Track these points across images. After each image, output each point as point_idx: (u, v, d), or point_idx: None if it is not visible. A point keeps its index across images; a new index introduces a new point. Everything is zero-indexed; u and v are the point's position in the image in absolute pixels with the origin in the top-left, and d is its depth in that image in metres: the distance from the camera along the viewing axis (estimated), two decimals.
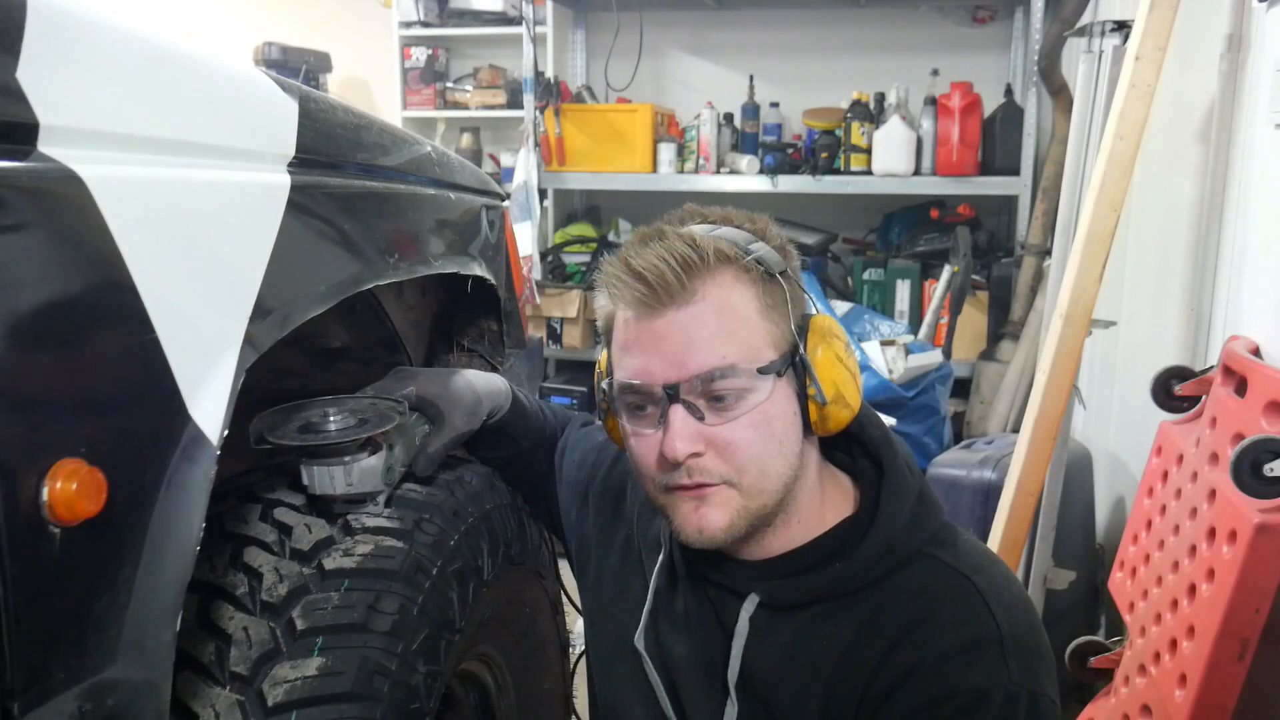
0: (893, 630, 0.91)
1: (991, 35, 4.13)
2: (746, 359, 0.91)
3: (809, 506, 0.99)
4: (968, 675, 0.87)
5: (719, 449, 0.92)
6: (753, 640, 0.97)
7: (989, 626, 0.89)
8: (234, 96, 0.94)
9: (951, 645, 0.89)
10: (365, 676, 0.93)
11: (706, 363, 0.90)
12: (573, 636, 1.54)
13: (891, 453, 1.01)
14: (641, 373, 0.93)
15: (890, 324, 3.66)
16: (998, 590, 0.93)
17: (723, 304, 0.91)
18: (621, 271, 0.92)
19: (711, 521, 0.93)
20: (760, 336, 0.92)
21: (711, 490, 0.93)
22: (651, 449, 0.94)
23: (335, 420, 1.09)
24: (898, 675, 0.89)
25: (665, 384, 0.91)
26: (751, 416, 0.91)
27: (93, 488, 0.70)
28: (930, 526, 0.98)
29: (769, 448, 0.93)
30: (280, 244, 0.93)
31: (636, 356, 0.93)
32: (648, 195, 4.14)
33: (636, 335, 0.93)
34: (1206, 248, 1.90)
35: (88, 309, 0.72)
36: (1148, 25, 1.87)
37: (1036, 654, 0.90)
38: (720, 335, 0.91)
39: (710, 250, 0.91)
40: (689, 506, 0.94)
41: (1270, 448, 1.25)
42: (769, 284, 0.94)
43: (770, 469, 0.93)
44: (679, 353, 0.91)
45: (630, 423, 0.96)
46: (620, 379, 0.95)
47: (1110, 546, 2.40)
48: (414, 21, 4.35)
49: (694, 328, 0.91)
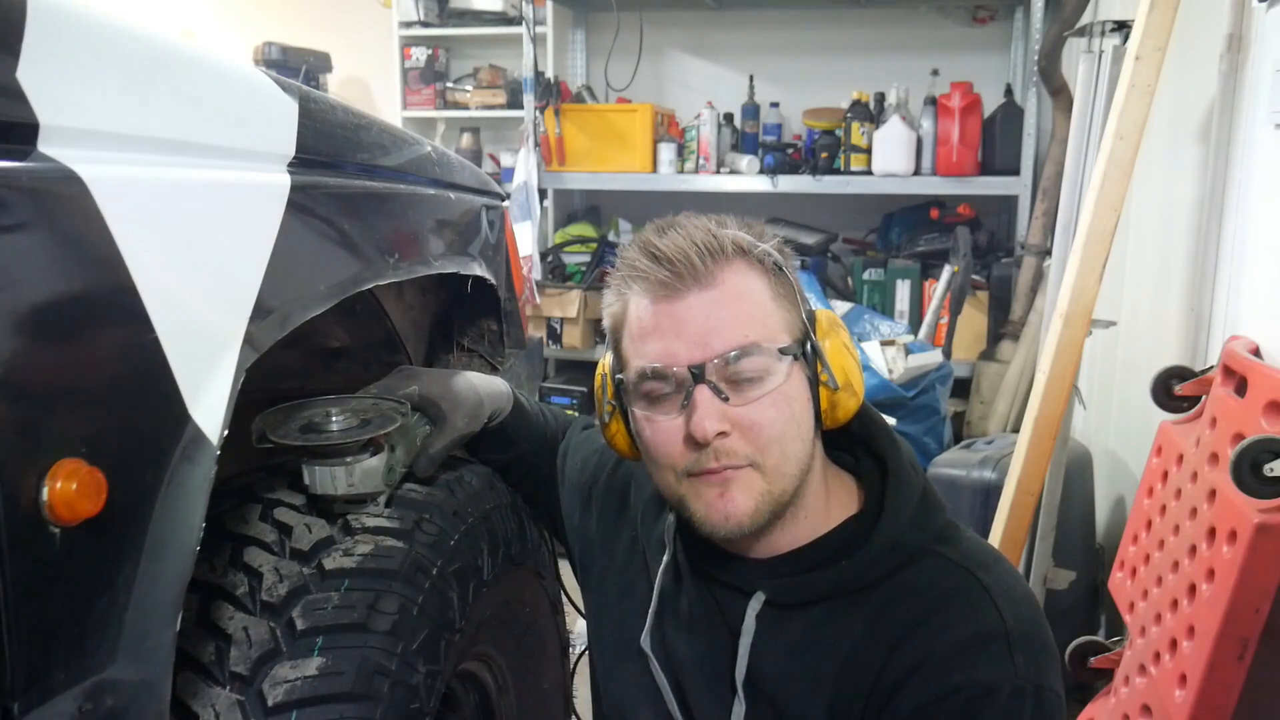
0: (899, 627, 0.92)
1: (991, 35, 4.13)
2: (767, 339, 0.93)
3: (815, 503, 0.99)
4: (974, 670, 0.88)
5: (743, 430, 0.93)
6: (759, 639, 0.98)
7: (995, 621, 0.90)
8: (234, 96, 0.94)
9: (958, 640, 0.89)
10: (365, 676, 0.93)
11: (731, 341, 0.91)
12: (573, 636, 1.54)
13: (895, 451, 1.01)
14: (665, 355, 0.93)
15: (890, 324, 3.66)
16: (1003, 586, 0.93)
17: (742, 289, 0.94)
18: (642, 258, 0.94)
19: (739, 506, 0.93)
20: (777, 320, 0.95)
21: (737, 474, 0.93)
22: (673, 436, 0.94)
23: (337, 420, 1.09)
24: (904, 670, 0.90)
25: (691, 364, 0.92)
26: (773, 397, 0.93)
27: (93, 488, 0.70)
28: (935, 524, 0.98)
29: (790, 429, 0.94)
30: (280, 244, 0.93)
31: (658, 341, 0.94)
32: (648, 195, 4.14)
33: (656, 321, 0.94)
34: (1206, 248, 1.90)
35: (88, 309, 0.72)
36: (1148, 25, 1.87)
37: (1042, 648, 0.91)
38: (741, 317, 0.93)
39: (728, 239, 0.94)
40: (713, 493, 0.94)
41: (1270, 448, 1.25)
42: (779, 276, 0.97)
43: (790, 451, 0.94)
44: (702, 334, 0.92)
45: (649, 411, 0.96)
46: (641, 365, 0.95)
47: (1110, 546, 2.40)
48: (414, 21, 4.35)
49: (716, 309, 0.92)
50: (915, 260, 3.92)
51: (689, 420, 0.92)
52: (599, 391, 1.05)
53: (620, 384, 0.99)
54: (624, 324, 0.98)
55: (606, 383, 1.03)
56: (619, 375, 0.99)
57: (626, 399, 0.99)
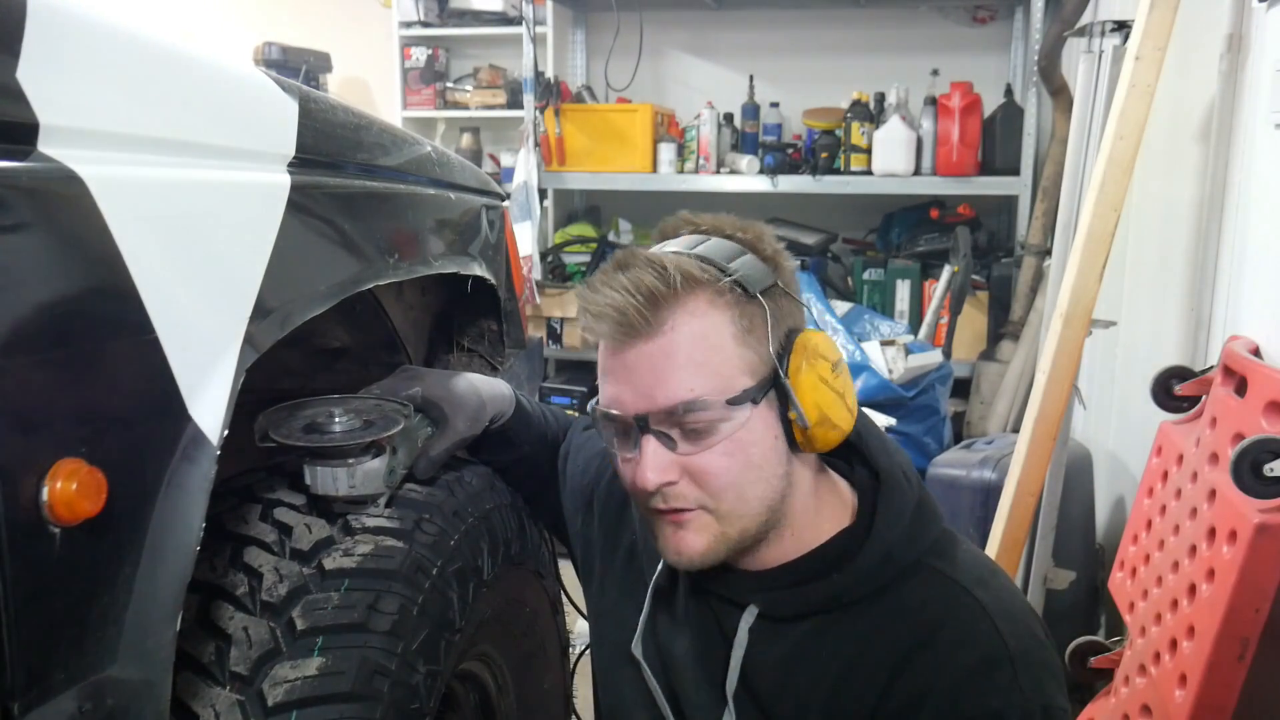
0: (898, 649, 0.91)
1: (991, 35, 4.13)
2: (716, 390, 0.89)
3: (803, 519, 0.98)
4: (983, 699, 0.87)
5: (694, 476, 0.92)
6: (752, 651, 0.97)
7: (997, 645, 0.89)
8: (234, 96, 0.94)
9: (963, 669, 0.88)
10: (365, 676, 0.93)
11: (674, 396, 0.89)
12: (573, 636, 1.54)
13: (889, 463, 1.00)
14: (615, 402, 0.93)
15: (890, 324, 3.66)
16: (1001, 603, 0.92)
17: (693, 333, 0.89)
18: (588, 306, 0.91)
19: (689, 545, 0.94)
20: (733, 365, 0.90)
21: (688, 516, 0.93)
22: (629, 473, 0.95)
23: (340, 421, 1.09)
24: (911, 700, 0.89)
25: (636, 415, 0.92)
26: (726, 445, 0.91)
27: (93, 488, 0.70)
28: (929, 536, 0.97)
29: (746, 474, 0.92)
30: (280, 244, 0.93)
31: (610, 386, 0.94)
32: (648, 195, 4.14)
33: (609, 365, 0.94)
34: (1206, 248, 1.90)
35: (88, 309, 0.72)
36: (1148, 25, 1.87)
37: (1045, 667, 0.90)
38: (689, 367, 0.89)
39: (679, 277, 0.89)
40: (669, 530, 0.95)
41: (1270, 448, 1.25)
42: (747, 305, 0.91)
43: (749, 494, 0.93)
44: (648, 385, 0.90)
45: (611, 446, 0.97)
46: (598, 406, 0.96)
47: (1110, 546, 2.40)
48: (414, 21, 4.35)
49: (661, 360, 0.89)
50: (915, 260, 3.92)
51: (634, 468, 0.93)
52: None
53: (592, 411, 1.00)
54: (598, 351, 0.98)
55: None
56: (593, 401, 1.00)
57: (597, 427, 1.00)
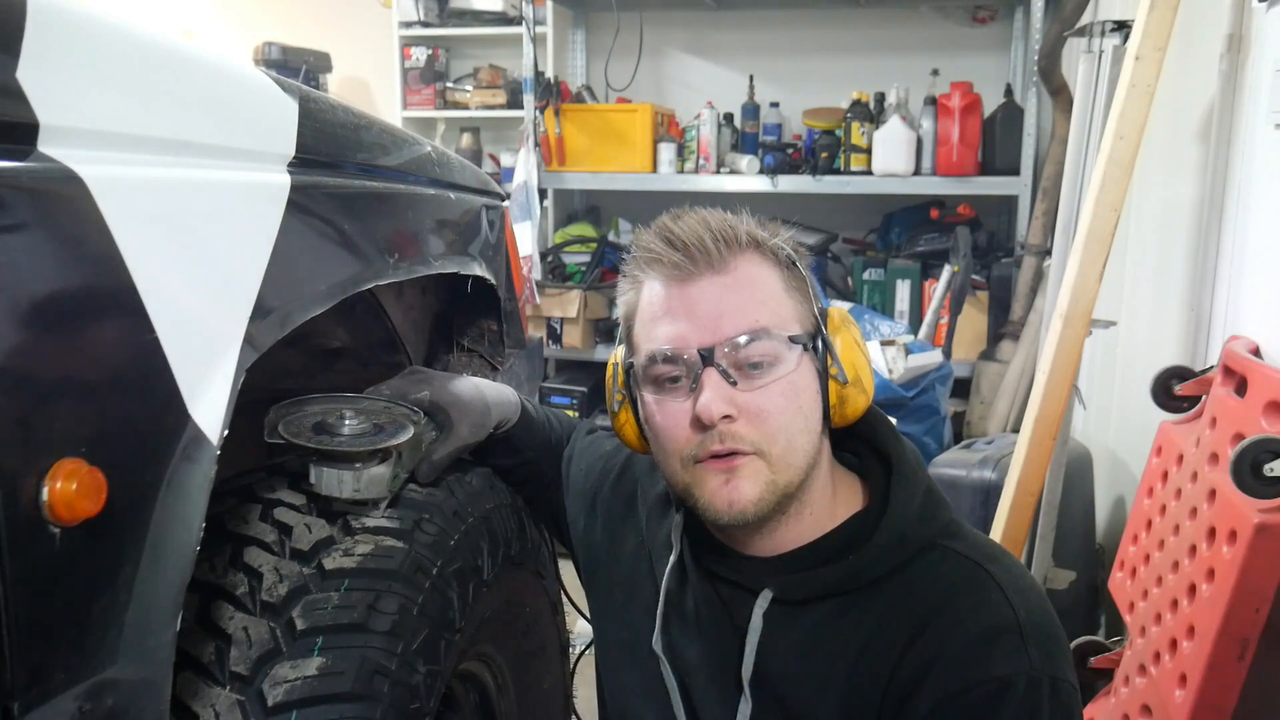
0: (914, 620, 0.92)
1: (991, 35, 4.13)
2: (779, 325, 0.94)
3: (821, 500, 0.99)
4: (989, 665, 0.88)
5: (750, 416, 0.93)
6: (767, 637, 0.97)
7: (1006, 614, 0.90)
8: (234, 96, 0.94)
9: (971, 635, 0.89)
10: (365, 676, 0.93)
11: (741, 325, 0.93)
12: (573, 636, 1.54)
13: (899, 446, 1.02)
14: (675, 338, 0.94)
15: (890, 324, 3.66)
16: (1011, 577, 0.94)
17: (754, 276, 0.95)
18: (657, 242, 0.95)
19: (743, 494, 0.93)
20: (788, 310, 0.96)
21: (742, 460, 0.93)
22: (680, 420, 0.94)
23: (350, 422, 1.09)
24: (919, 668, 0.90)
25: (700, 347, 0.93)
26: (781, 385, 0.94)
27: (93, 488, 0.70)
28: (940, 519, 0.99)
29: (796, 419, 0.94)
30: (280, 244, 0.93)
31: (669, 324, 0.95)
32: (648, 195, 4.13)
33: (669, 304, 0.95)
34: (1206, 248, 1.90)
35: (88, 309, 0.72)
36: (1148, 25, 1.87)
37: (1054, 640, 0.91)
38: (753, 302, 0.94)
39: (743, 230, 0.96)
40: (718, 480, 0.94)
41: (1270, 448, 1.25)
42: (792, 270, 0.98)
43: (797, 442, 0.94)
44: (713, 317, 0.93)
45: (658, 395, 0.97)
46: (651, 348, 0.96)
47: (1110, 546, 2.40)
48: (414, 21, 4.35)
49: (728, 294, 0.94)
50: (915, 260, 3.91)
51: (696, 402, 0.93)
52: (609, 382, 1.06)
53: (630, 370, 1.00)
54: (637, 310, 0.99)
55: (617, 373, 1.05)
56: (630, 361, 1.00)
57: (636, 385, 1.00)
